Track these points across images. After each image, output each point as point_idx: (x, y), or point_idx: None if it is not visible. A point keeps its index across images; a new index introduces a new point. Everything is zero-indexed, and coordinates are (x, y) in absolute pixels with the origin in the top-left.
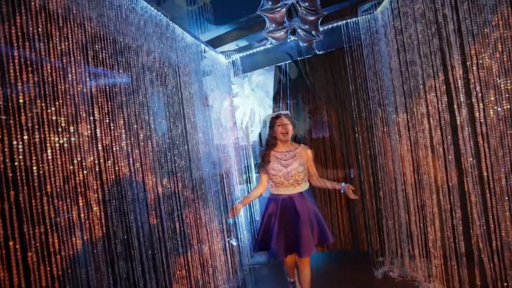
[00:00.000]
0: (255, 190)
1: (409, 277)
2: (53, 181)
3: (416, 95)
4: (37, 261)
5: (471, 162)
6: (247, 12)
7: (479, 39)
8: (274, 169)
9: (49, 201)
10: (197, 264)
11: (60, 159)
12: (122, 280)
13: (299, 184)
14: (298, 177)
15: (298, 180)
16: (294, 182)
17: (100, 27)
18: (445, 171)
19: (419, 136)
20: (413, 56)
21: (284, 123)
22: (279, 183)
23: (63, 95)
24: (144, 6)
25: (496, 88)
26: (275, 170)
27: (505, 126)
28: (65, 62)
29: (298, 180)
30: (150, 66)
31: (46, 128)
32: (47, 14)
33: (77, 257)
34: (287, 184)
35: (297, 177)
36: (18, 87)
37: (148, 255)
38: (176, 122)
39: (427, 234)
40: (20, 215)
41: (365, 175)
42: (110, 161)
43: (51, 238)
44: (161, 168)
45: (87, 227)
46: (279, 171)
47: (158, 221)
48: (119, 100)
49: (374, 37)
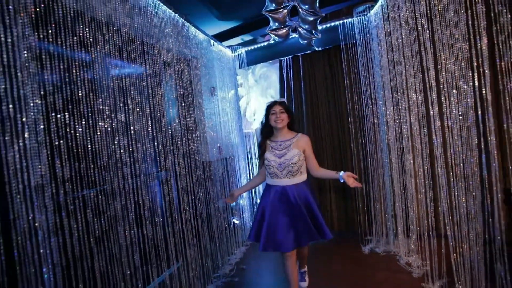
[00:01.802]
0: (253, 180)
1: (392, 252)
2: (100, 157)
3: (401, 91)
4: (92, 216)
5: (440, 151)
6: (252, 10)
7: (446, 48)
8: (267, 159)
9: (98, 172)
10: (205, 234)
11: (105, 139)
12: (148, 240)
13: (293, 175)
14: (292, 168)
15: (292, 171)
16: (287, 173)
17: (132, 31)
18: (420, 158)
19: (403, 127)
20: (398, 57)
21: (278, 111)
22: (273, 174)
23: (106, 89)
24: (164, 10)
25: (457, 89)
26: (268, 160)
27: (464, 121)
28: (108, 63)
29: (292, 171)
30: (169, 62)
31: (96, 115)
32: (96, 23)
33: (116, 217)
34: (280, 175)
35: (290, 168)
36: (78, 84)
37: (167, 222)
38: (190, 111)
39: (408, 214)
40: (81, 181)
41: (356, 161)
42: (139, 143)
43: (100, 201)
44: (177, 150)
45: (123, 194)
46: (273, 161)
47: (175, 194)
48: (146, 92)
49: (367, 36)
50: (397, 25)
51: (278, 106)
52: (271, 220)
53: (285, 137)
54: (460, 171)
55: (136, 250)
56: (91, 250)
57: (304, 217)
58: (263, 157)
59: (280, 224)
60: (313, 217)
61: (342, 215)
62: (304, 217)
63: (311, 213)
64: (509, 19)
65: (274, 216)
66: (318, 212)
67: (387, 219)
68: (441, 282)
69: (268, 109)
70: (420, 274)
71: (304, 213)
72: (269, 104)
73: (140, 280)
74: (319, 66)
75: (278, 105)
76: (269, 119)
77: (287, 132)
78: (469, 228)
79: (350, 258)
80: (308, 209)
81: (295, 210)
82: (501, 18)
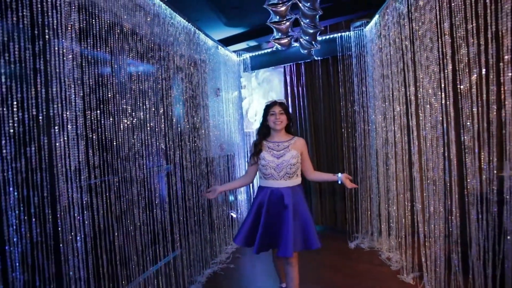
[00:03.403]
0: (240, 180)
1: (375, 248)
2: (122, 149)
3: (388, 102)
4: (114, 198)
5: (416, 157)
6: (258, 18)
7: (423, 69)
8: (264, 159)
9: (120, 161)
10: (206, 223)
11: (126, 134)
12: (157, 223)
13: (290, 177)
14: (289, 170)
15: (289, 173)
16: (284, 175)
17: (152, 40)
18: (401, 163)
19: (389, 135)
20: (387, 71)
21: (277, 112)
22: (269, 175)
23: (129, 91)
24: (179, 20)
25: (430, 104)
26: (265, 161)
27: (435, 131)
28: (131, 68)
29: (289, 173)
30: (182, 67)
31: (120, 113)
32: (123, 34)
33: (132, 200)
34: (277, 176)
35: (288, 170)
36: (108, 87)
37: (173, 209)
38: (197, 111)
39: (389, 213)
40: (107, 169)
41: (347, 164)
42: (154, 138)
43: (121, 187)
44: (185, 146)
45: (139, 182)
46: (270, 162)
47: (181, 185)
48: (161, 94)
49: (362, 50)
50: (387, 43)
51: (278, 107)
52: (266, 223)
53: (282, 139)
54: (431, 176)
55: (147, 231)
56: (112, 226)
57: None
58: (256, 157)
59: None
60: (304, 224)
61: (332, 213)
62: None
63: (303, 220)
64: (466, 52)
65: (268, 219)
66: (310, 218)
67: (373, 218)
68: (414, 274)
69: (267, 109)
70: (398, 267)
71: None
72: (269, 104)
73: (150, 257)
74: (318, 74)
75: (278, 106)
76: (267, 119)
77: (284, 134)
78: (434, 226)
79: (337, 252)
80: (300, 215)
81: (286, 215)
82: (461, 50)
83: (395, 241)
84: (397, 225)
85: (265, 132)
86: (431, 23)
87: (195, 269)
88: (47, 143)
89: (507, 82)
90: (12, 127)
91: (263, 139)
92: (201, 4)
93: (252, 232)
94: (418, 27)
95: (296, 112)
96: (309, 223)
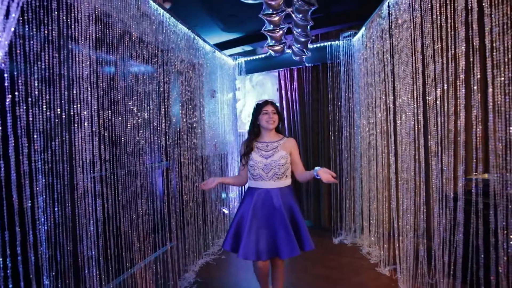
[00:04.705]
0: (235, 179)
1: (357, 244)
2: (129, 145)
3: (371, 108)
4: (121, 189)
5: (392, 159)
6: (254, 25)
7: (401, 80)
8: (252, 159)
9: (127, 156)
10: (200, 216)
11: (132, 131)
12: (156, 213)
13: (278, 178)
14: (278, 171)
15: (278, 173)
16: (273, 175)
17: (156, 46)
18: (381, 164)
19: (371, 138)
20: (371, 80)
21: (270, 111)
22: (257, 176)
23: (136, 94)
24: (181, 28)
25: (405, 113)
26: (253, 161)
27: (408, 137)
28: (138, 72)
29: (278, 173)
30: (182, 71)
31: (128, 113)
32: (132, 42)
33: (136, 192)
34: (265, 177)
35: (276, 170)
36: (118, 89)
37: (171, 202)
38: (194, 111)
39: (370, 211)
40: (116, 162)
41: (334, 164)
42: (156, 136)
43: (127, 179)
44: (183, 143)
45: (141, 176)
46: (258, 162)
47: (179, 180)
48: (163, 96)
49: (350, 59)
50: (371, 54)
51: (270, 106)
52: (252, 226)
53: (272, 139)
54: (404, 176)
55: (148, 220)
56: (119, 214)
57: (286, 225)
58: (247, 157)
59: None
60: (296, 224)
61: (317, 210)
62: (286, 225)
63: (294, 221)
64: (434, 68)
65: (255, 222)
66: (301, 220)
67: (355, 215)
68: (390, 267)
69: (259, 108)
70: (377, 261)
71: (286, 221)
72: (260, 103)
73: (150, 245)
74: (309, 79)
75: (271, 105)
76: (258, 118)
77: (274, 134)
78: (406, 221)
79: (322, 247)
80: (292, 216)
81: (278, 216)
82: (429, 66)
83: (375, 236)
84: (377, 222)
85: (257, 131)
86: (407, 40)
87: (189, 258)
88: (68, 138)
89: (461, 97)
90: (41, 124)
91: (255, 139)
92: (200, 11)
93: (238, 237)
94: (397, 42)
95: (290, 115)
96: (302, 225)
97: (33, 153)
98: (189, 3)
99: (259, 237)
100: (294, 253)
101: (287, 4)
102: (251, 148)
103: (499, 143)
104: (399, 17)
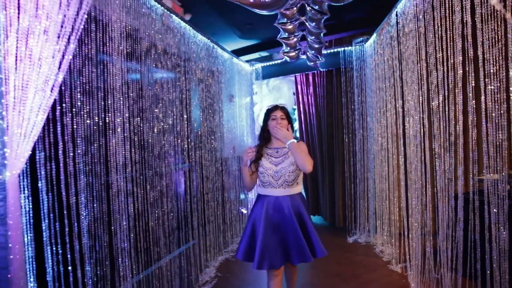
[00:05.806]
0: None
1: (371, 243)
2: (155, 148)
3: (382, 112)
4: (149, 189)
5: (401, 161)
6: (269, 32)
7: (408, 86)
8: (263, 166)
9: (153, 158)
10: (219, 215)
11: (158, 136)
12: (180, 211)
13: (289, 185)
14: (288, 178)
15: (289, 180)
16: (283, 182)
17: (179, 57)
18: (392, 166)
19: (383, 141)
20: (382, 85)
21: (279, 117)
22: (267, 183)
23: (161, 101)
24: (201, 38)
25: (412, 116)
26: (263, 168)
27: (415, 140)
28: (163, 82)
29: (288, 180)
30: (202, 78)
31: (155, 120)
32: (157, 54)
33: (161, 191)
34: (275, 184)
35: (287, 177)
36: (146, 98)
37: (192, 200)
38: (214, 116)
39: (382, 211)
40: (144, 164)
41: (348, 166)
42: (179, 139)
43: (154, 179)
44: (204, 146)
45: (166, 176)
46: (268, 169)
47: (200, 181)
48: (185, 103)
49: (362, 64)
50: (382, 60)
51: (279, 111)
52: (265, 236)
53: (281, 145)
54: (413, 177)
55: (173, 217)
56: (147, 211)
57: (296, 232)
58: (256, 164)
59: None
60: (306, 232)
61: (332, 210)
62: (296, 232)
63: (305, 229)
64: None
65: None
66: (312, 227)
67: (369, 215)
68: (402, 265)
69: (269, 113)
70: (389, 259)
71: (297, 228)
72: (270, 108)
73: (175, 241)
74: (324, 84)
75: (280, 110)
76: (268, 123)
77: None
78: (413, 220)
79: (336, 245)
80: (302, 224)
81: (288, 224)
82: (432, 74)
83: (387, 235)
84: (388, 221)
85: (267, 137)
86: (413, 48)
87: (210, 254)
88: (104, 143)
89: (459, 103)
90: (83, 130)
91: (265, 145)
92: (218, 21)
93: (251, 248)
94: (405, 50)
95: (307, 119)
96: (312, 233)
97: (76, 156)
98: (208, 14)
99: (272, 247)
100: (306, 259)
101: (300, 13)
102: (260, 155)
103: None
104: (405, 26)
